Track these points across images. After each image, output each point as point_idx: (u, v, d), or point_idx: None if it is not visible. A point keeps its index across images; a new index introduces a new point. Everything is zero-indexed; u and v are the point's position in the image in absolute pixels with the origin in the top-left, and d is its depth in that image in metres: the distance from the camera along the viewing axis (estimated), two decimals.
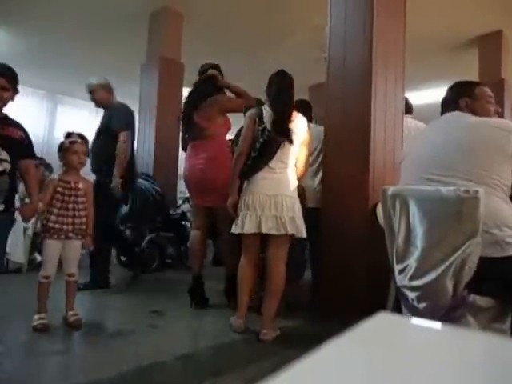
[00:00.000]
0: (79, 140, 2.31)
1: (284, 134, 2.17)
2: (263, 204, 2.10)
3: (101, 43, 5.84)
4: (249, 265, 2.23)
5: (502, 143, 1.43)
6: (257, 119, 2.22)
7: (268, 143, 2.16)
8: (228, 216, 2.38)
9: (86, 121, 8.64)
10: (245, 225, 2.13)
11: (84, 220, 2.27)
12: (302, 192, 2.42)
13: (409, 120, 2.91)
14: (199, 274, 2.77)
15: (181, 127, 2.95)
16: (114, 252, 4.40)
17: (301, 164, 2.30)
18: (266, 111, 2.24)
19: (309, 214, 2.45)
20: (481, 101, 1.66)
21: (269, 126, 2.18)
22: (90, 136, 2.85)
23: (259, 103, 2.63)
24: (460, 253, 1.27)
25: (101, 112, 3.45)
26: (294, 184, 2.21)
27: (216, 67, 2.92)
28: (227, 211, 2.30)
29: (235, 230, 2.19)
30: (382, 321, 0.32)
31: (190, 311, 2.64)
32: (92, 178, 2.98)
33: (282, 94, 2.27)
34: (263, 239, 2.21)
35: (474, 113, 1.61)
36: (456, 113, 1.63)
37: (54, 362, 1.79)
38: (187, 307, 2.67)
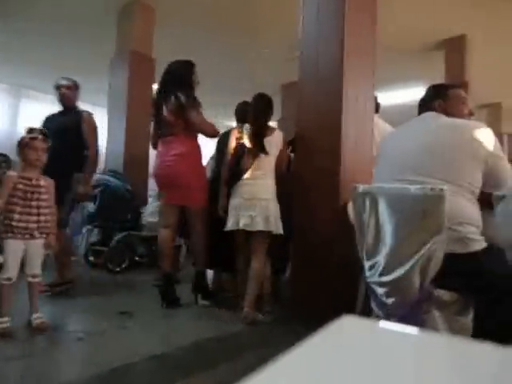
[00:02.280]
0: (40, 136, 2.22)
1: (259, 148, 2.54)
2: (240, 206, 2.50)
3: (69, 36, 5.64)
4: (242, 259, 2.63)
5: (473, 146, 1.48)
6: (239, 136, 2.64)
7: (246, 156, 2.55)
8: (199, 214, 2.66)
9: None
10: (229, 223, 2.53)
11: (49, 218, 2.19)
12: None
13: (378, 119, 2.98)
14: (170, 272, 2.73)
15: (152, 123, 2.86)
16: (82, 252, 4.29)
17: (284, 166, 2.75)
18: (246, 130, 2.62)
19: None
20: (454, 102, 1.71)
21: (247, 142, 2.57)
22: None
23: (245, 104, 2.98)
24: (426, 249, 1.31)
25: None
26: (270, 188, 2.56)
27: (189, 64, 2.81)
28: (197, 209, 2.63)
29: (226, 228, 2.56)
30: (346, 324, 0.32)
31: (160, 311, 2.60)
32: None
33: (258, 115, 2.64)
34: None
35: (447, 114, 1.66)
36: (430, 113, 1.68)
37: (17, 368, 1.71)
38: (158, 307, 2.62)
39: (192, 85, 2.73)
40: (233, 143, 2.65)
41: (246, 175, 2.53)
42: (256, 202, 2.47)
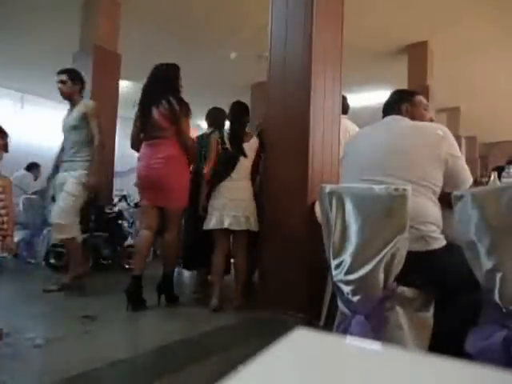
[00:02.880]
0: None
1: (240, 151, 2.73)
2: (224, 206, 2.67)
3: (32, 29, 5.38)
4: (219, 255, 2.77)
5: (434, 147, 1.53)
6: (219, 140, 2.80)
7: (229, 159, 2.73)
8: (179, 215, 2.79)
9: (11, 112, 7.93)
10: (211, 222, 2.69)
11: (5, 219, 2.07)
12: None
13: (346, 121, 3.03)
14: (141, 274, 2.65)
15: (135, 123, 2.79)
16: (42, 254, 4.10)
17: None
18: (227, 134, 2.83)
19: None
20: (419, 107, 1.81)
21: (229, 146, 2.75)
22: (13, 128, 2.60)
23: (216, 110, 3.34)
24: (390, 247, 1.34)
25: (29, 102, 3.15)
26: (248, 189, 2.76)
27: (175, 68, 2.80)
28: (178, 211, 2.75)
29: (205, 226, 2.73)
30: (299, 338, 0.32)
31: (125, 314, 2.52)
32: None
33: (237, 120, 2.85)
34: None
35: (413, 118, 1.74)
36: (397, 117, 1.74)
37: None
38: (122, 310, 2.54)
39: (179, 89, 2.74)
40: (214, 146, 2.81)
41: (230, 177, 2.71)
42: (238, 203, 2.66)
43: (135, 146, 2.84)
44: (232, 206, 2.65)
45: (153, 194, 2.70)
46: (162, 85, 2.67)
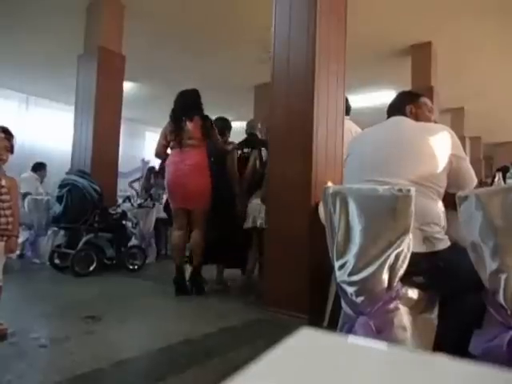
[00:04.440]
0: (1, 134, 2.11)
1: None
2: (259, 209, 3.16)
3: (37, 31, 5.42)
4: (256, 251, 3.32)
5: (438, 148, 1.53)
6: (258, 156, 3.30)
7: (260, 176, 3.21)
8: (203, 217, 3.15)
9: (16, 113, 7.98)
10: (248, 223, 3.23)
11: (10, 219, 2.08)
12: None
13: (348, 122, 3.03)
14: (181, 265, 3.13)
15: (164, 135, 3.20)
16: (47, 254, 4.12)
17: None
18: (264, 152, 3.25)
19: None
20: (423, 109, 1.80)
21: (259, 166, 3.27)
22: (19, 129, 2.61)
23: (223, 120, 3.70)
24: (394, 248, 1.34)
25: (34, 104, 3.16)
26: None
27: (198, 92, 3.26)
28: (204, 213, 3.15)
29: (246, 225, 3.25)
30: (305, 338, 0.32)
31: (129, 315, 2.53)
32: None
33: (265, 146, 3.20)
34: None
35: (417, 119, 1.74)
36: (401, 117, 1.74)
37: None
38: (126, 311, 2.56)
39: (202, 107, 3.26)
40: (253, 163, 3.34)
41: (260, 187, 3.20)
42: (263, 207, 3.07)
43: (162, 153, 3.27)
44: (261, 208, 3.12)
45: (181, 198, 3.10)
46: (190, 103, 3.19)
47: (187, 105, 3.18)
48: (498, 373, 0.26)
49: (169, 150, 3.27)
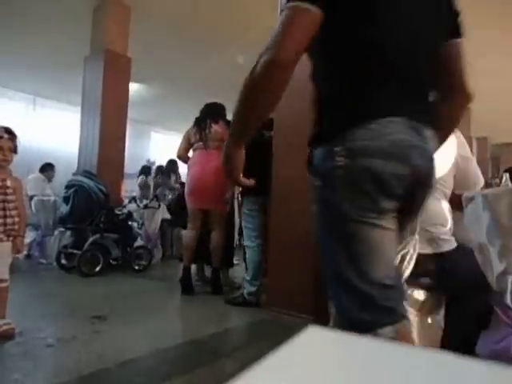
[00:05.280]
0: (5, 135, 2.13)
1: None
2: None
3: (44, 33, 5.46)
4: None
5: (445, 148, 1.52)
6: None
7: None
8: (223, 218, 3.23)
9: (23, 114, 8.04)
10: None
11: (16, 220, 2.10)
12: None
13: None
14: (189, 266, 3.17)
15: (187, 138, 3.32)
16: (54, 255, 4.15)
17: None
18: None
19: None
20: None
21: None
22: (26, 130, 2.63)
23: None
24: (400, 249, 1.34)
25: (41, 105, 3.18)
26: None
27: (220, 105, 3.41)
28: (223, 214, 3.23)
29: None
30: (313, 336, 0.32)
31: (135, 315, 2.55)
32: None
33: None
34: None
35: None
36: None
37: None
38: (132, 311, 2.57)
39: (226, 114, 3.39)
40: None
41: None
42: None
43: (185, 155, 3.40)
44: None
45: (199, 197, 3.18)
46: (216, 110, 3.37)
47: (213, 111, 3.35)
48: (507, 371, 0.26)
49: (190, 153, 3.40)
